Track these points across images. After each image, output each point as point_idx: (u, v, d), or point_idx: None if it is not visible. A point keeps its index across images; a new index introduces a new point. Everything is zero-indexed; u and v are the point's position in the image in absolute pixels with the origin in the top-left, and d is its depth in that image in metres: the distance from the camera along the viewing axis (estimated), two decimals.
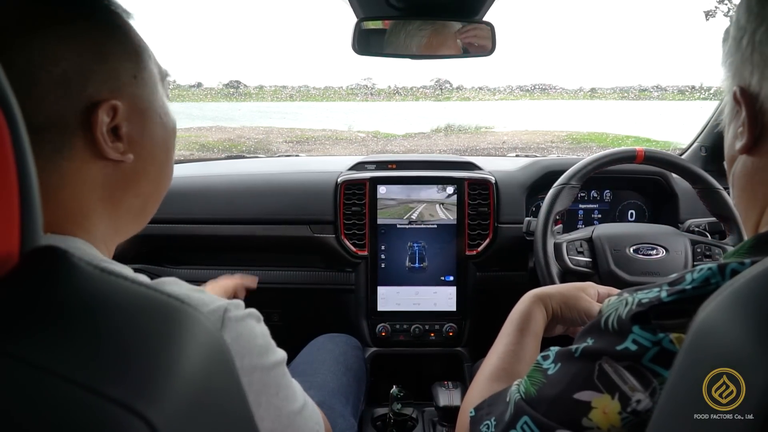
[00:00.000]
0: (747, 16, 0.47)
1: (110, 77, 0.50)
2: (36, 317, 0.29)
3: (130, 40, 0.54)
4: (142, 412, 0.27)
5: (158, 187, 0.59)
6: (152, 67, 0.56)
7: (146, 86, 0.54)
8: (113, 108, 0.49)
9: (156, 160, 0.56)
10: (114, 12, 0.54)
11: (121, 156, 0.51)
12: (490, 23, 1.11)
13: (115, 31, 0.52)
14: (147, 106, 0.54)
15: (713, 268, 0.43)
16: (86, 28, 0.49)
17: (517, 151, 2.45)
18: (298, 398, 0.56)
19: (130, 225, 0.57)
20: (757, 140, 0.48)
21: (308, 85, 58.47)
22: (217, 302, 0.48)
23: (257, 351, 0.49)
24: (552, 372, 0.52)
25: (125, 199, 0.54)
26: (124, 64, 0.52)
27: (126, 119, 0.51)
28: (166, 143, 0.58)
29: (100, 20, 0.52)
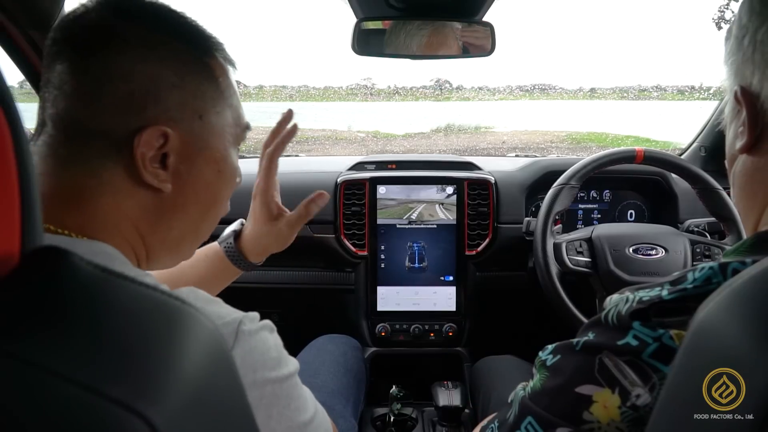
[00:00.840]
0: (749, 15, 0.47)
1: (174, 108, 0.51)
2: (37, 317, 0.29)
3: (214, 82, 0.54)
4: (142, 412, 0.27)
5: (197, 228, 0.58)
6: (227, 116, 0.56)
7: (211, 129, 0.54)
8: (164, 135, 0.50)
9: (199, 201, 0.56)
10: (212, 55, 0.55)
11: (158, 183, 0.51)
12: (490, 23, 1.12)
13: (201, 69, 0.53)
14: (204, 146, 0.54)
15: (714, 267, 0.43)
16: (171, 56, 0.51)
17: (517, 151, 2.45)
18: (309, 408, 0.56)
19: (163, 256, 0.57)
20: (757, 140, 0.48)
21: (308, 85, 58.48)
22: (232, 315, 0.48)
23: (270, 364, 0.49)
24: (552, 363, 0.52)
25: (159, 227, 0.54)
26: (195, 102, 0.52)
27: (177, 152, 0.51)
28: (215, 190, 0.57)
29: (193, 55, 0.53)
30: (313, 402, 0.58)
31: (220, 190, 0.58)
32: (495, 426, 0.57)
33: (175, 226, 0.55)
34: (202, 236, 0.61)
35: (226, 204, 0.62)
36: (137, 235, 0.52)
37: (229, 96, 0.57)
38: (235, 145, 0.59)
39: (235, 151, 0.59)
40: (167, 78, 0.50)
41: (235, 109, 0.58)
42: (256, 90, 39.14)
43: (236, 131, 0.58)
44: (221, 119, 0.56)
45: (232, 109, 0.57)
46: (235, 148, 0.59)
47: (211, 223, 0.60)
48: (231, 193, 0.61)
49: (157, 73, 0.50)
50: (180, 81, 0.51)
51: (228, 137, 0.57)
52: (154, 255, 0.55)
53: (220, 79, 0.55)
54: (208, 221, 0.59)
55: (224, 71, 0.56)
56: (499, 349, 1.33)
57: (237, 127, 0.58)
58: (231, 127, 0.57)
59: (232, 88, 0.57)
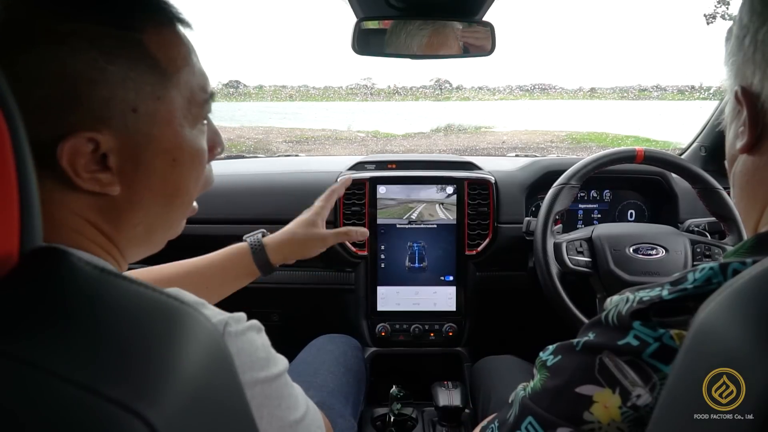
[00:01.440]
0: (750, 15, 0.47)
1: (99, 107, 0.44)
2: (36, 318, 0.29)
3: (150, 62, 0.47)
4: (141, 413, 0.27)
5: (165, 220, 0.54)
6: (173, 98, 0.49)
7: (152, 119, 0.48)
8: (92, 140, 0.44)
9: (157, 195, 0.51)
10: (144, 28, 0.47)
11: (101, 188, 0.46)
12: (490, 23, 1.12)
13: (129, 50, 0.46)
14: (147, 141, 0.48)
15: (715, 267, 0.43)
16: (87, 46, 0.44)
17: (517, 150, 2.46)
18: (300, 406, 0.55)
19: (136, 249, 0.53)
20: (757, 140, 0.48)
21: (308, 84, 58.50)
22: (217, 316, 0.47)
23: (259, 365, 0.49)
24: (552, 363, 0.52)
25: (122, 227, 0.50)
26: (125, 94, 0.45)
27: (116, 151, 0.46)
28: (174, 180, 0.51)
29: (116, 37, 0.45)
30: (305, 399, 0.57)
31: (181, 178, 0.52)
32: (495, 426, 0.57)
33: (138, 222, 0.51)
34: (175, 224, 0.56)
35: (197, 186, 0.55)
36: (103, 237, 0.49)
37: (174, 72, 0.48)
38: (194, 125, 0.52)
39: (195, 131, 0.52)
40: (84, 74, 0.43)
41: (185, 86, 0.50)
42: (256, 90, 39.14)
43: (191, 110, 0.51)
44: (165, 104, 0.48)
45: (179, 87, 0.49)
46: (193, 128, 0.52)
47: (181, 210, 0.55)
48: (201, 174, 0.55)
49: (72, 71, 0.43)
50: (100, 74, 0.44)
51: (179, 120, 0.50)
52: (126, 252, 0.52)
53: (158, 54, 0.47)
54: (175, 212, 0.54)
55: (165, 42, 0.48)
56: (499, 349, 1.33)
57: (191, 104, 0.51)
58: (182, 108, 0.50)
59: (180, 60, 0.49)
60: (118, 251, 0.51)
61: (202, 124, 0.54)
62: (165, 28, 0.49)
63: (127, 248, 0.52)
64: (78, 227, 0.47)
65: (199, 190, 0.57)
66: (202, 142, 0.54)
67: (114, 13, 0.45)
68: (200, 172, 0.55)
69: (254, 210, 1.47)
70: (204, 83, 0.53)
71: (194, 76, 0.51)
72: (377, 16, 1.13)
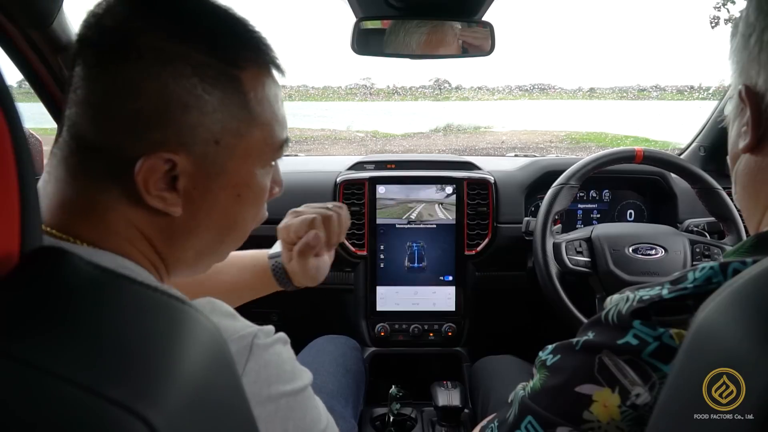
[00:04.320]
0: (757, 14, 0.47)
1: (186, 131, 0.45)
2: (37, 318, 0.29)
3: (242, 98, 0.48)
4: (142, 414, 0.27)
5: (215, 250, 0.55)
6: (254, 137, 0.50)
7: (230, 154, 0.49)
8: (170, 161, 0.45)
9: (213, 225, 0.51)
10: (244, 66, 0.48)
11: (165, 207, 0.46)
12: (489, 23, 1.12)
13: (226, 84, 0.47)
14: (220, 173, 0.49)
15: (715, 267, 0.43)
16: (190, 71, 0.45)
17: (516, 150, 2.46)
18: (322, 419, 0.55)
19: (182, 270, 0.54)
20: (760, 140, 0.48)
21: (307, 84, 58.44)
22: (247, 329, 0.47)
23: (285, 377, 0.49)
24: (552, 362, 0.52)
25: (174, 247, 0.50)
26: (212, 125, 0.47)
27: (189, 175, 0.47)
28: (233, 215, 0.52)
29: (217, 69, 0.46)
30: (325, 412, 0.57)
31: (240, 214, 0.53)
32: (495, 426, 0.57)
33: (190, 247, 0.51)
34: (222, 256, 0.57)
35: (253, 223, 0.56)
36: (154, 252, 0.49)
37: (261, 112, 0.50)
38: (265, 165, 0.53)
39: (263, 171, 0.53)
40: (180, 98, 0.45)
41: (267, 127, 0.51)
42: None
43: (266, 151, 0.52)
44: (245, 141, 0.49)
45: (262, 127, 0.50)
46: (263, 168, 0.53)
47: (231, 245, 0.56)
48: (259, 212, 0.56)
49: (170, 92, 0.44)
50: (195, 101, 0.45)
51: (254, 160, 0.51)
52: (173, 270, 0.52)
53: (250, 94, 0.48)
54: (227, 243, 0.55)
55: (258, 83, 0.49)
56: (498, 349, 1.33)
57: (267, 146, 0.52)
58: (259, 148, 0.51)
59: (267, 102, 0.50)
60: (165, 268, 0.51)
61: (270, 166, 0.55)
62: (263, 70, 0.50)
63: (174, 268, 0.52)
64: (131, 238, 0.47)
65: (254, 226, 0.57)
66: (267, 182, 0.55)
67: (221, 46, 0.47)
68: (259, 210, 0.56)
69: None
70: (284, 127, 0.54)
71: (277, 121, 0.52)
72: (376, 15, 1.13)
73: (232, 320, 0.47)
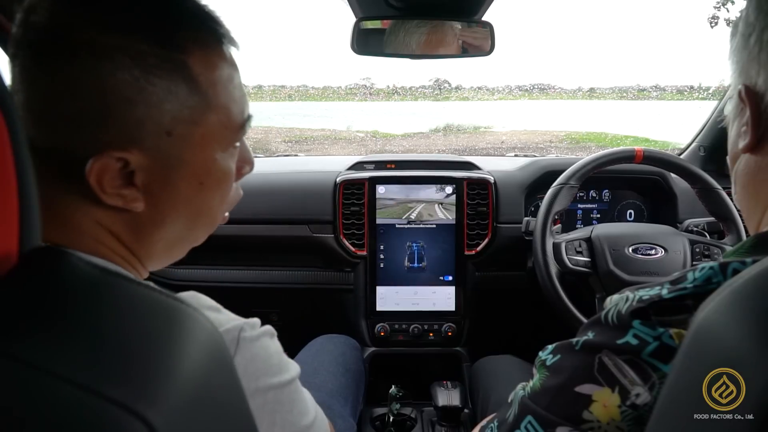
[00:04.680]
0: (757, 13, 0.47)
1: (133, 127, 0.43)
2: (36, 318, 0.29)
3: (191, 83, 0.45)
4: (141, 413, 0.27)
5: (186, 237, 0.53)
6: (210, 122, 0.47)
7: (185, 143, 0.46)
8: (121, 159, 0.43)
9: (179, 216, 0.50)
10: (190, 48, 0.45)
11: (124, 204, 0.45)
12: (489, 23, 1.12)
13: (171, 71, 0.44)
14: (177, 163, 0.47)
15: (715, 267, 0.43)
16: (130, 63, 0.42)
17: (516, 150, 2.46)
18: (310, 411, 0.55)
19: (156, 261, 0.53)
20: (760, 139, 0.48)
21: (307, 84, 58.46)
22: (232, 322, 0.47)
23: (272, 370, 0.49)
24: (552, 362, 0.52)
25: (143, 241, 0.49)
26: (161, 117, 0.44)
27: (145, 169, 0.45)
28: (198, 203, 0.50)
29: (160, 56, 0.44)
30: (313, 404, 0.58)
31: (204, 202, 0.51)
32: (494, 426, 0.57)
33: (160, 238, 0.50)
34: (196, 241, 0.55)
35: (222, 207, 0.54)
36: (124, 247, 0.48)
37: (214, 95, 0.47)
38: (226, 148, 0.51)
39: (226, 155, 0.51)
40: (122, 92, 0.42)
41: (223, 109, 0.48)
42: (255, 90, 39.12)
43: (225, 134, 0.49)
44: (201, 128, 0.47)
45: (217, 111, 0.48)
46: (225, 150, 0.51)
47: (205, 229, 0.54)
48: (226, 195, 0.54)
49: (110, 87, 0.42)
50: (139, 94, 0.42)
51: (212, 145, 0.49)
52: (147, 262, 0.51)
53: (200, 78, 0.46)
54: (199, 229, 0.53)
55: (208, 65, 0.46)
56: (498, 349, 1.33)
57: (226, 129, 0.49)
58: (217, 132, 0.48)
59: (221, 83, 0.47)
60: (138, 261, 0.50)
61: (233, 147, 0.52)
62: (210, 49, 0.47)
63: (148, 260, 0.51)
64: (99, 237, 0.46)
65: (225, 209, 0.56)
66: (231, 165, 0.52)
67: (160, 30, 0.44)
68: (225, 193, 0.53)
69: (253, 210, 1.47)
70: (243, 107, 0.51)
71: (234, 100, 0.50)
72: (376, 15, 1.13)
73: (217, 313, 0.47)
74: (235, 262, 1.52)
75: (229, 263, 1.52)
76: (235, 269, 1.52)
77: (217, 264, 1.52)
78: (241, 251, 1.53)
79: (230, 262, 1.52)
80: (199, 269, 1.52)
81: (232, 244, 1.49)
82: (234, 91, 0.50)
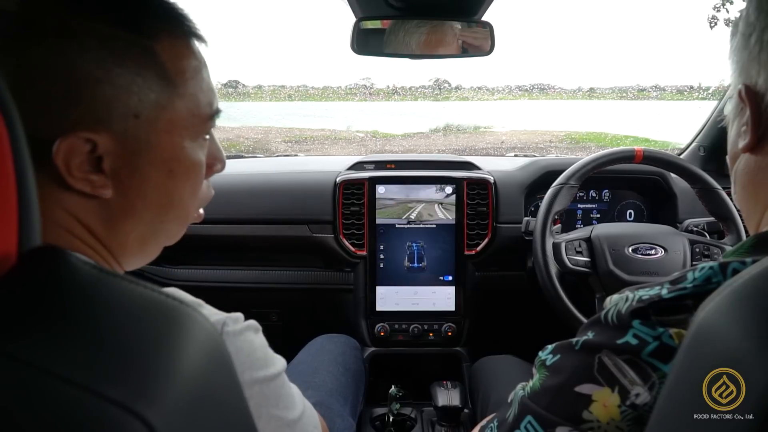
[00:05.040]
0: (757, 13, 0.47)
1: (101, 108, 0.44)
2: (35, 317, 0.29)
3: (158, 69, 0.46)
4: (140, 413, 0.27)
5: (158, 230, 0.52)
6: (177, 108, 0.48)
7: (153, 127, 0.47)
8: (89, 141, 0.43)
9: (149, 205, 0.49)
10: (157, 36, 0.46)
11: (92, 190, 0.45)
12: (489, 23, 1.11)
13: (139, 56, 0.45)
14: (145, 148, 0.47)
15: (715, 267, 0.43)
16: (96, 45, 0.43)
17: (516, 150, 2.46)
18: (297, 405, 0.55)
19: (130, 258, 0.52)
20: (760, 139, 0.48)
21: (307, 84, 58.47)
22: (215, 316, 0.47)
23: (257, 365, 0.49)
24: (551, 362, 0.52)
25: (114, 232, 0.49)
26: (129, 98, 0.45)
27: (113, 154, 0.45)
28: (168, 191, 0.50)
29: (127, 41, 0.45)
30: (301, 399, 0.58)
31: (176, 189, 0.51)
32: (494, 425, 0.57)
33: (131, 230, 0.50)
34: (171, 235, 0.55)
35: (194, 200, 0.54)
36: (95, 240, 0.48)
37: (182, 83, 0.48)
38: (195, 138, 0.51)
39: (195, 144, 0.51)
40: (90, 73, 0.43)
41: (191, 98, 0.49)
42: (254, 90, 39.12)
43: (193, 122, 0.50)
44: (168, 113, 0.48)
45: (185, 98, 0.49)
46: (194, 141, 0.51)
47: (177, 223, 0.54)
48: (197, 188, 0.54)
49: (78, 68, 0.43)
50: (106, 75, 0.43)
51: (180, 132, 0.49)
52: (121, 258, 0.51)
53: (167, 64, 0.47)
54: (171, 222, 0.53)
55: (175, 54, 0.48)
56: (498, 349, 1.33)
57: (194, 118, 0.50)
58: (184, 119, 0.49)
59: (188, 72, 0.49)
60: (112, 257, 0.50)
61: (203, 139, 0.53)
62: (178, 39, 0.48)
63: (121, 256, 0.51)
64: (70, 227, 0.46)
65: (197, 205, 0.56)
66: (200, 156, 0.53)
67: (129, 17, 0.45)
68: (196, 186, 0.54)
69: (253, 210, 1.47)
70: (211, 99, 0.52)
71: (202, 90, 0.51)
72: (376, 15, 1.13)
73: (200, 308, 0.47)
74: (234, 262, 1.52)
75: (229, 263, 1.52)
76: (235, 269, 1.52)
77: (217, 264, 1.52)
78: (240, 251, 1.53)
79: (230, 262, 1.52)
80: (198, 269, 1.52)
81: (231, 244, 1.49)
82: (201, 82, 0.51)
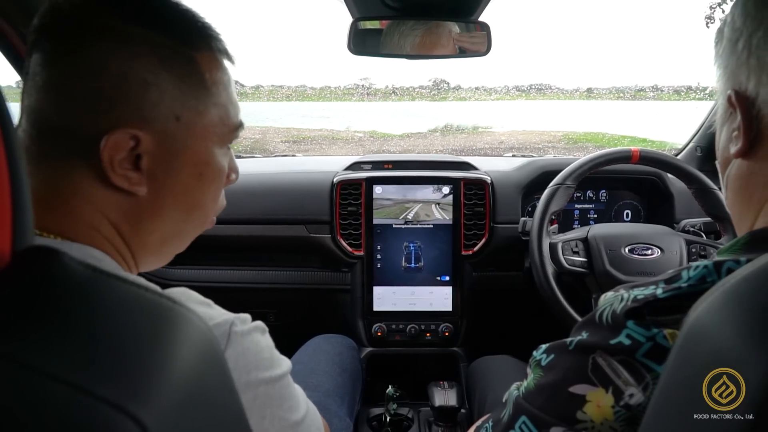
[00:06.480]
0: (744, 18, 0.47)
1: (147, 108, 0.47)
2: (28, 317, 0.29)
3: (199, 78, 0.51)
4: (133, 413, 0.27)
5: (180, 231, 0.56)
6: (211, 115, 0.52)
7: (190, 130, 0.51)
8: (134, 137, 0.47)
9: (178, 205, 0.53)
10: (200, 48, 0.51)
11: (130, 186, 0.48)
12: (486, 23, 1.12)
13: (183, 64, 0.49)
14: (181, 150, 0.51)
15: (709, 266, 0.43)
16: (147, 50, 0.47)
17: (514, 151, 2.45)
18: (301, 407, 0.56)
19: (148, 258, 0.54)
20: (752, 145, 0.47)
21: (305, 84, 58.42)
22: (223, 316, 0.48)
23: (263, 365, 0.49)
24: (546, 362, 0.52)
25: (140, 230, 0.51)
26: (172, 102, 0.49)
27: (151, 154, 0.48)
28: (196, 194, 0.54)
29: (174, 49, 0.49)
30: (305, 400, 0.58)
31: (202, 193, 0.55)
32: (489, 426, 0.57)
33: (156, 229, 0.52)
34: (187, 238, 0.58)
35: (214, 205, 0.58)
36: (120, 238, 0.50)
37: (217, 93, 0.52)
38: (222, 146, 0.55)
39: (221, 152, 0.56)
40: (139, 75, 0.46)
41: (223, 107, 0.54)
42: (253, 90, 39.08)
43: (223, 131, 0.54)
44: (204, 119, 0.52)
45: (218, 107, 0.53)
46: (221, 148, 0.55)
47: (196, 225, 0.57)
48: (218, 193, 0.58)
49: (129, 69, 0.46)
50: (154, 78, 0.47)
51: (212, 138, 0.53)
52: (139, 258, 0.53)
53: (206, 74, 0.51)
54: (192, 223, 0.56)
55: (214, 65, 0.52)
56: (495, 349, 1.33)
57: (224, 126, 0.54)
58: (216, 126, 0.53)
59: (222, 84, 0.53)
60: (132, 256, 0.52)
61: (227, 148, 0.57)
62: (215, 53, 0.53)
63: (141, 256, 0.53)
64: (97, 224, 0.48)
65: (215, 210, 0.59)
66: (224, 163, 0.57)
67: (177, 29, 0.50)
68: (218, 191, 0.58)
69: (250, 210, 1.47)
70: (237, 111, 0.56)
71: (231, 102, 0.55)
72: (373, 16, 1.12)
73: (208, 308, 0.48)
74: (232, 263, 1.52)
75: (226, 263, 1.52)
76: (232, 269, 1.52)
77: (214, 264, 1.52)
78: (238, 251, 1.53)
79: (227, 263, 1.52)
80: (196, 269, 1.52)
81: (229, 244, 1.49)
82: (231, 95, 0.55)
